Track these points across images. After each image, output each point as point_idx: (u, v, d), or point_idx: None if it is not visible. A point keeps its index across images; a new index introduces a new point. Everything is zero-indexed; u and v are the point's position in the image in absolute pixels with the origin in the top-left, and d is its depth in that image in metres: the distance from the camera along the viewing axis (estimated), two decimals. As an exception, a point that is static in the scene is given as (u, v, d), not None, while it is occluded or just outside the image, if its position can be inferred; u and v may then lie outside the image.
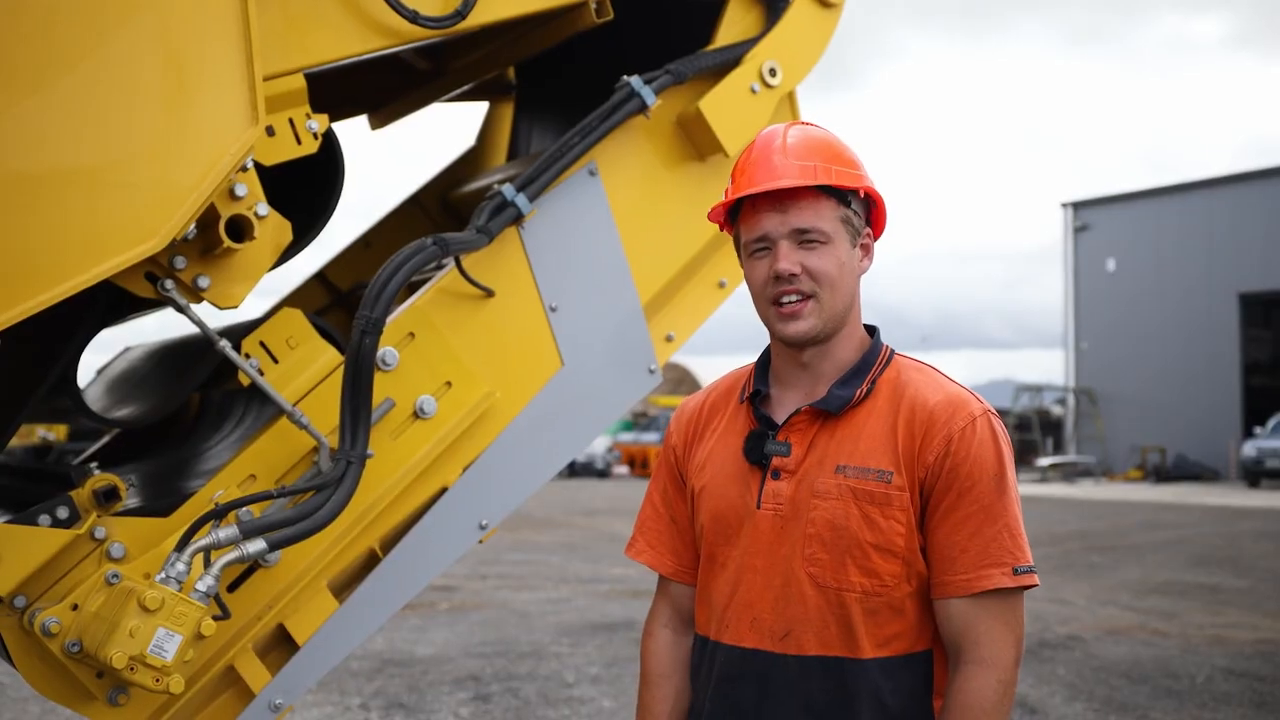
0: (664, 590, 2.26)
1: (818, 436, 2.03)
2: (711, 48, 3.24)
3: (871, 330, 2.15)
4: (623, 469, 37.11)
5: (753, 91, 3.21)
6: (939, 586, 1.98)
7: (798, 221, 2.00)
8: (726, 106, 3.16)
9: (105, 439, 3.78)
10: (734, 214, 2.11)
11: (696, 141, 3.20)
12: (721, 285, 3.32)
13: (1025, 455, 38.63)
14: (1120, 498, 27.55)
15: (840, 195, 2.03)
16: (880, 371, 2.07)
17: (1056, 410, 43.44)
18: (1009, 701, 1.95)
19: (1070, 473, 36.30)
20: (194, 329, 2.59)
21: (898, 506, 1.97)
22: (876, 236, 2.14)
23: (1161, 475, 34.98)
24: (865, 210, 2.09)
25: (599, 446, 36.23)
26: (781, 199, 2.01)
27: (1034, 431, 40.31)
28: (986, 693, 1.93)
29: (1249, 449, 31.10)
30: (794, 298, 2.00)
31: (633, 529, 2.31)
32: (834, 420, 2.03)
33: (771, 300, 2.02)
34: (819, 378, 2.07)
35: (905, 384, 2.05)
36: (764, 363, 2.18)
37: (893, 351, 2.13)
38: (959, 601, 1.96)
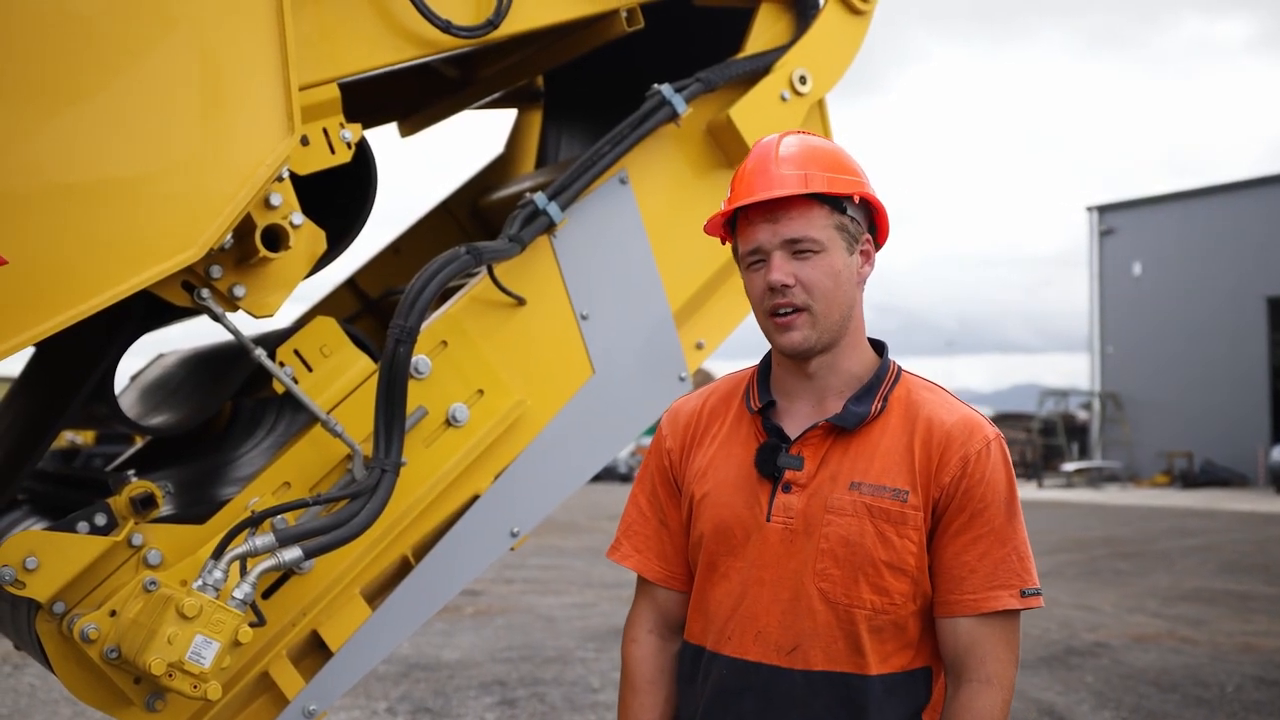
0: (648, 595, 2.22)
1: (830, 451, 2.02)
2: (742, 55, 3.25)
3: (879, 346, 2.14)
4: (646, 473, 37.08)
5: (783, 99, 3.21)
6: (946, 605, 1.99)
7: (789, 232, 1.98)
8: (757, 114, 3.16)
9: (138, 445, 3.81)
10: (734, 225, 2.10)
11: (727, 149, 3.20)
12: (751, 293, 3.32)
13: (1050, 460, 38.42)
14: (1147, 503, 27.36)
15: (834, 202, 2.01)
16: (891, 388, 2.06)
17: (1082, 415, 43.18)
18: (1007, 718, 1.97)
19: (1096, 478, 36.07)
20: (226, 336, 2.62)
21: (912, 525, 1.97)
22: (881, 243, 2.12)
23: (1189, 481, 34.71)
24: (865, 216, 2.07)
25: (621, 451, 36.10)
26: (774, 209, 1.99)
27: (1059, 436, 40.08)
28: (994, 711, 1.94)
29: (1277, 454, 30.83)
30: (788, 310, 1.99)
31: (616, 531, 2.28)
32: (847, 436, 2.02)
33: (769, 312, 2.02)
34: (826, 390, 2.06)
35: (919, 403, 2.04)
36: (765, 371, 2.16)
37: (900, 368, 2.12)
38: (966, 620, 1.97)
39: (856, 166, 2.07)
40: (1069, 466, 36.94)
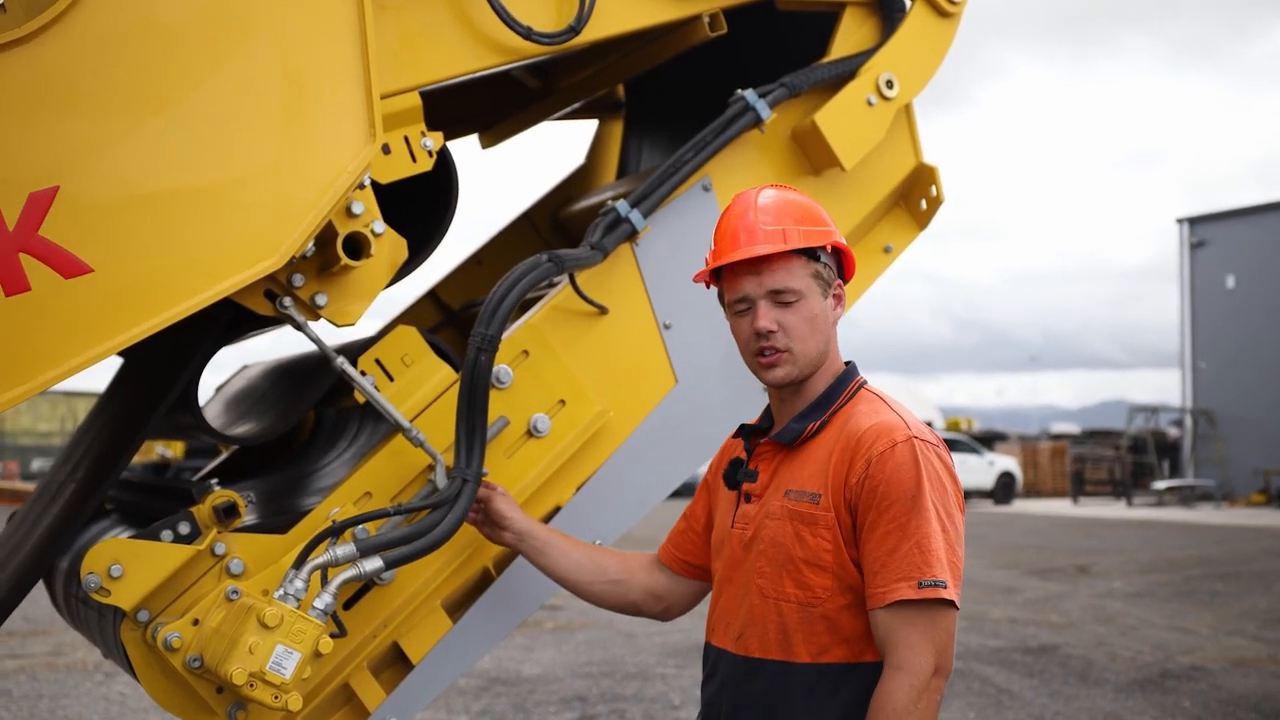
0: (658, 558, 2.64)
1: (781, 465, 2.29)
2: (827, 60, 3.18)
3: (848, 366, 2.35)
4: (725, 489, 36.98)
5: (869, 104, 3.14)
6: (866, 599, 2.14)
7: (772, 283, 2.23)
8: (842, 119, 3.09)
9: (223, 456, 3.83)
10: (718, 272, 2.34)
11: (811, 155, 3.13)
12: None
13: (1141, 478, 37.51)
14: (1242, 523, 26.55)
15: (810, 253, 2.24)
16: (842, 405, 2.27)
17: (1173, 432, 42.07)
18: (927, 706, 2.05)
19: (1188, 496, 35.12)
20: (310, 346, 2.61)
21: (824, 525, 2.16)
22: (848, 279, 2.36)
23: (1286, 500, 33.64)
24: (835, 262, 2.31)
25: (704, 462, 35.85)
26: (757, 262, 2.23)
27: (1149, 454, 39.10)
28: (899, 695, 2.05)
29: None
30: (772, 351, 2.24)
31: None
32: (795, 450, 2.27)
33: (755, 353, 2.27)
34: (793, 410, 2.31)
35: (853, 414, 2.24)
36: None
37: (862, 385, 2.31)
38: (878, 612, 2.11)
39: (825, 216, 2.31)
40: (1160, 484, 36.00)
